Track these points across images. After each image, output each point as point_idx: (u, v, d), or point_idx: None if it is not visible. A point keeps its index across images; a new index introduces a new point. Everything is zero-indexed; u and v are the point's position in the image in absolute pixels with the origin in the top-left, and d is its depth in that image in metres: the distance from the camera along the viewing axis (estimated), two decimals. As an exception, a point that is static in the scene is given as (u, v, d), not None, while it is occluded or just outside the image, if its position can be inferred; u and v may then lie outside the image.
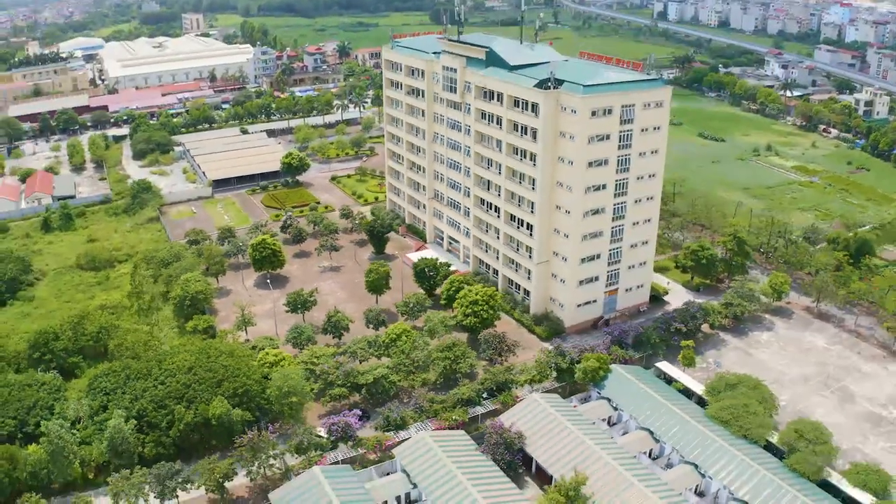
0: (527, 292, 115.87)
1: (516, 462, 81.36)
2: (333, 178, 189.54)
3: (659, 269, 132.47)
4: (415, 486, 76.28)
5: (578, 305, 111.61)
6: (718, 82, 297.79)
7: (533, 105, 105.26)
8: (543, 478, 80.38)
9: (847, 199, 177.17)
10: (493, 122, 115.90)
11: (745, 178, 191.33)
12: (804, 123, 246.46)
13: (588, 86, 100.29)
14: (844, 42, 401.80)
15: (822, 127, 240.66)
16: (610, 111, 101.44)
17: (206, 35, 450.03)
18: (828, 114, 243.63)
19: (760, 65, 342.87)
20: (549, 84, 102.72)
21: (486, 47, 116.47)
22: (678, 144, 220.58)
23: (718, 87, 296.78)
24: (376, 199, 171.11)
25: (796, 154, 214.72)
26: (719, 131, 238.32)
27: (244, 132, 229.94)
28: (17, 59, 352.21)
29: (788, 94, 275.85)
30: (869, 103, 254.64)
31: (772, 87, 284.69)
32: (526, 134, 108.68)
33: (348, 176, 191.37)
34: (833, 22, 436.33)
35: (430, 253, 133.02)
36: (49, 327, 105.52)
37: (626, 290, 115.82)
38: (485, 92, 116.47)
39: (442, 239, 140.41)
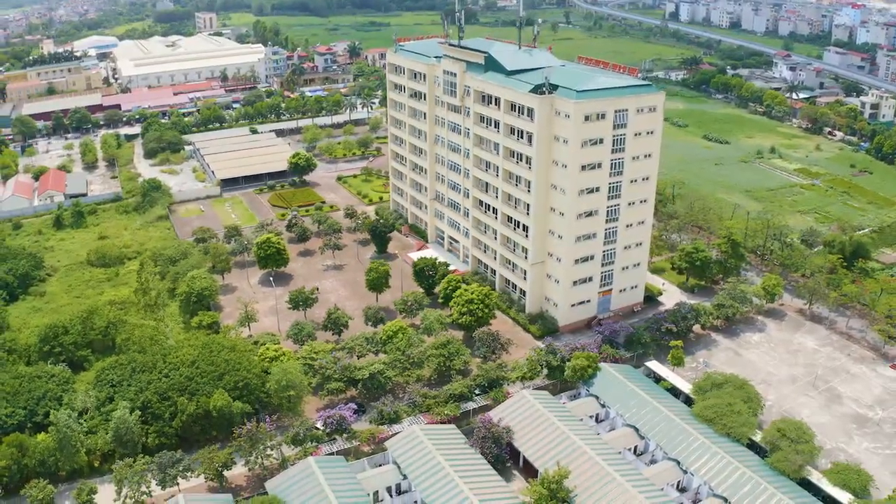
0: (523, 292, 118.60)
1: (503, 455, 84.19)
2: (339, 178, 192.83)
3: (656, 271, 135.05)
4: (405, 477, 79.33)
5: (572, 305, 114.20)
6: (726, 84, 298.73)
7: (528, 109, 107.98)
8: (530, 471, 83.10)
9: (848, 203, 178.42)
10: (491, 125, 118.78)
11: (746, 180, 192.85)
12: (809, 126, 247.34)
13: (581, 91, 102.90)
14: (855, 44, 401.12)
15: (827, 129, 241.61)
16: (603, 116, 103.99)
17: (219, 34, 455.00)
18: (833, 116, 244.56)
19: (769, 67, 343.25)
20: (544, 89, 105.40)
21: (485, 52, 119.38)
22: (682, 146, 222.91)
23: (726, 89, 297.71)
24: (381, 199, 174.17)
25: (800, 157, 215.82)
26: (724, 133, 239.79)
27: (253, 132, 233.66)
28: (31, 58, 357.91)
29: (795, 96, 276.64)
30: (875, 106, 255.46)
31: (779, 89, 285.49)
32: (522, 137, 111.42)
33: (354, 176, 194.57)
34: (844, 24, 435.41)
35: (430, 252, 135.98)
36: (59, 322, 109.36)
37: (620, 291, 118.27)
38: (483, 96, 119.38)
39: (443, 239, 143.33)
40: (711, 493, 78.82)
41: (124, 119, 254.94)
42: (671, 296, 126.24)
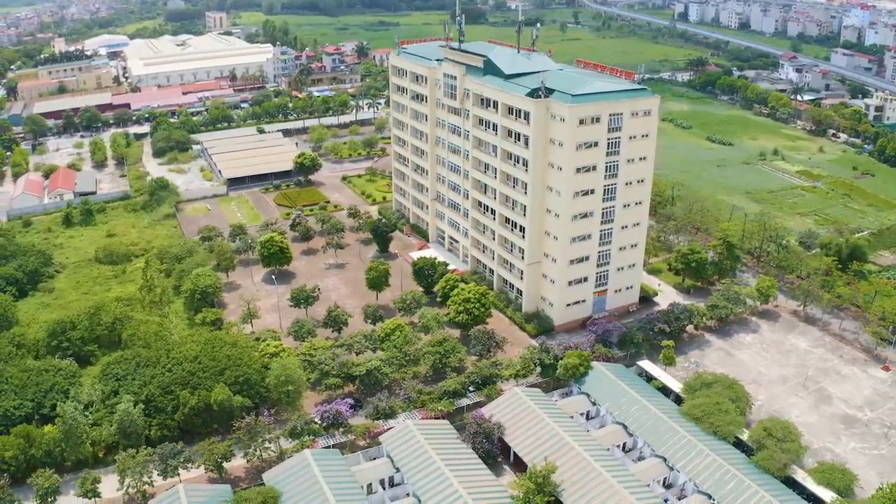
0: (519, 291, 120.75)
1: (494, 451, 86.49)
2: (344, 178, 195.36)
3: (653, 271, 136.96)
4: (398, 470, 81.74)
5: (568, 305, 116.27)
6: (731, 86, 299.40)
7: (525, 113, 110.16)
8: (520, 466, 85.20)
9: (848, 205, 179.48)
10: (489, 128, 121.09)
11: (748, 182, 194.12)
12: (813, 128, 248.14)
13: (576, 95, 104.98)
14: (864, 45, 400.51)
15: (831, 132, 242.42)
16: (598, 119, 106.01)
17: (229, 33, 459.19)
18: (837, 118, 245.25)
19: (776, 68, 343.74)
20: (540, 93, 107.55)
21: (484, 56, 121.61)
22: (685, 148, 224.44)
23: (731, 90, 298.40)
24: (384, 198, 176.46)
25: (802, 159, 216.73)
26: (728, 135, 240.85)
27: (261, 132, 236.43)
28: (42, 56, 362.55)
29: (799, 98, 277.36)
30: (879, 108, 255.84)
31: (784, 91, 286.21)
32: (519, 140, 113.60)
33: (359, 176, 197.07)
34: (853, 25, 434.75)
35: (431, 252, 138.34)
36: (67, 317, 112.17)
37: (616, 292, 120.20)
38: (482, 99, 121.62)
39: (443, 239, 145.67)
40: (696, 490, 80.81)
41: (134, 118, 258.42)
42: (667, 296, 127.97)
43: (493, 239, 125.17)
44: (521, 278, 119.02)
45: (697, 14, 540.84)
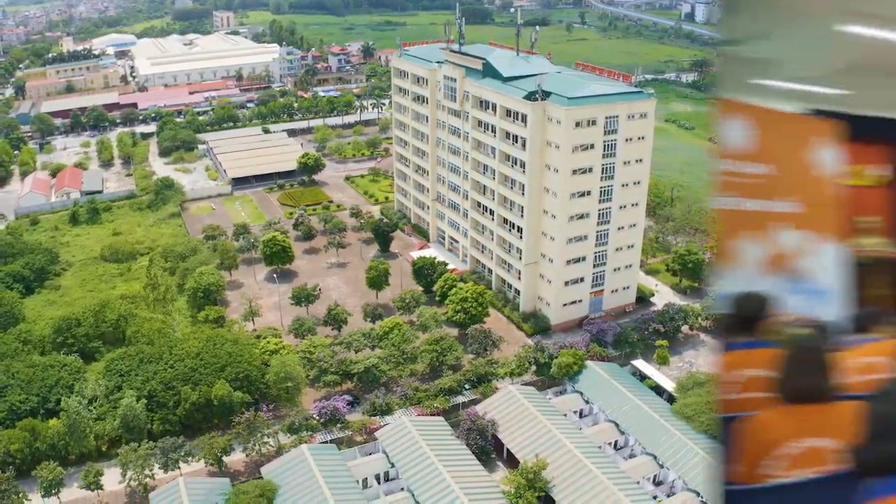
0: (517, 291, 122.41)
1: (488, 447, 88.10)
2: (348, 178, 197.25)
3: (651, 272, 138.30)
4: (392, 465, 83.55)
5: (564, 305, 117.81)
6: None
7: (522, 115, 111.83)
8: (514, 463, 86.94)
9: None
10: (487, 130, 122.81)
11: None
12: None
13: (572, 98, 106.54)
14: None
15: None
16: (594, 122, 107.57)
17: (236, 33, 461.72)
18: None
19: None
20: (537, 96, 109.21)
21: (483, 59, 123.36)
22: (686, 149, 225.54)
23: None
24: (386, 198, 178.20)
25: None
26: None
27: (266, 131, 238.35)
28: (50, 56, 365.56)
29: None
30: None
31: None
32: (516, 142, 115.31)
33: (362, 176, 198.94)
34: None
35: (431, 252, 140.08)
36: (72, 314, 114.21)
37: (613, 292, 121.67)
38: (481, 101, 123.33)
39: (444, 239, 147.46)
40: (685, 487, 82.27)
41: (140, 118, 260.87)
42: (664, 297, 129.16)
43: (492, 239, 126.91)
44: (519, 278, 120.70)
45: (704, 14, 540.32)
